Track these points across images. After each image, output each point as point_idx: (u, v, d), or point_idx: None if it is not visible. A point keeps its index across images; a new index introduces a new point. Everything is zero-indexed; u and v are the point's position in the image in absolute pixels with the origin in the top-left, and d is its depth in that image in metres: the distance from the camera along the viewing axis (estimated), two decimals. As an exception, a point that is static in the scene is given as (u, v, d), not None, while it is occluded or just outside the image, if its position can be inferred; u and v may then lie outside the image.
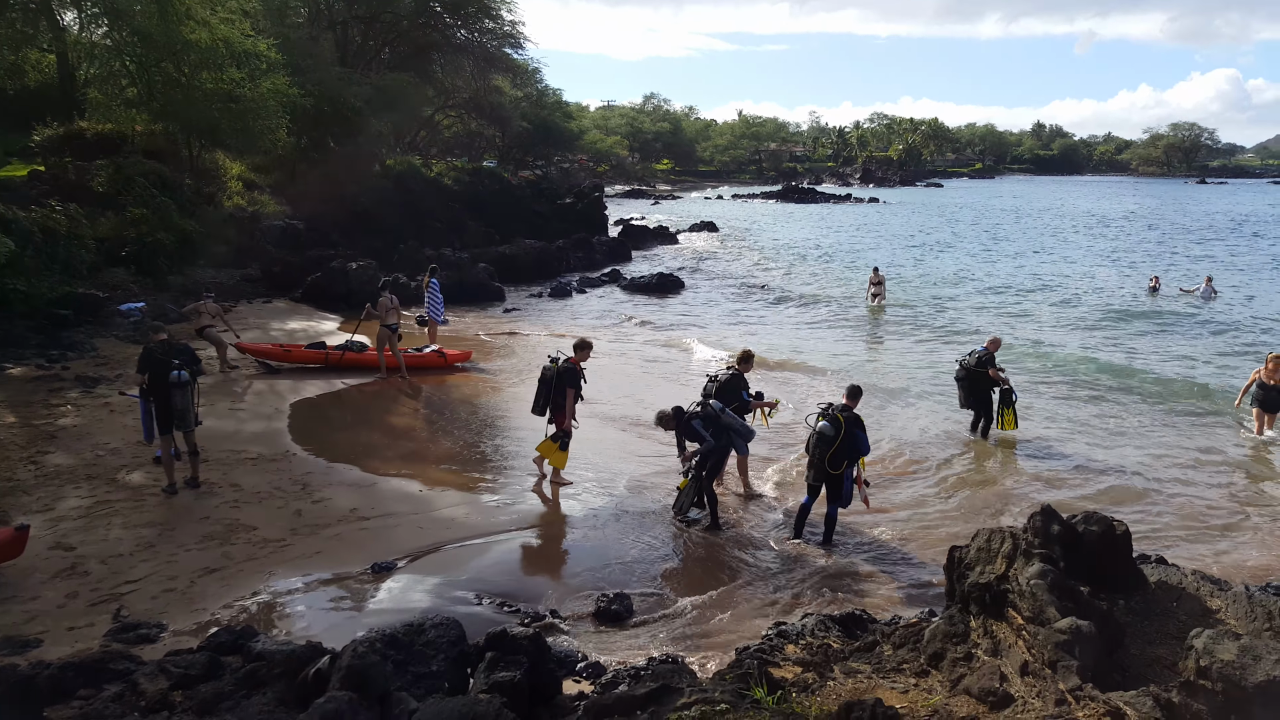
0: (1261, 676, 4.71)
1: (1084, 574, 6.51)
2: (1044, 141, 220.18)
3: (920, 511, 11.18)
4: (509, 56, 42.12)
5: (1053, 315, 25.55)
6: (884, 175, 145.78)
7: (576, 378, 11.54)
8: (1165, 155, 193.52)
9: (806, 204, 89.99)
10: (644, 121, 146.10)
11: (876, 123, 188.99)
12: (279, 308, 22.38)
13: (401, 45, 38.78)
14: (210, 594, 8.19)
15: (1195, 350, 20.65)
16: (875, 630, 7.34)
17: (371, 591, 8.42)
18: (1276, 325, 24.28)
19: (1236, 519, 10.98)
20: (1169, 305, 26.91)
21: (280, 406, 14.60)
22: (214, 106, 23.24)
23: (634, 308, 26.99)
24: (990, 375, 13.74)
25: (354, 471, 11.63)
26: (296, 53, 27.52)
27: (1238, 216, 70.40)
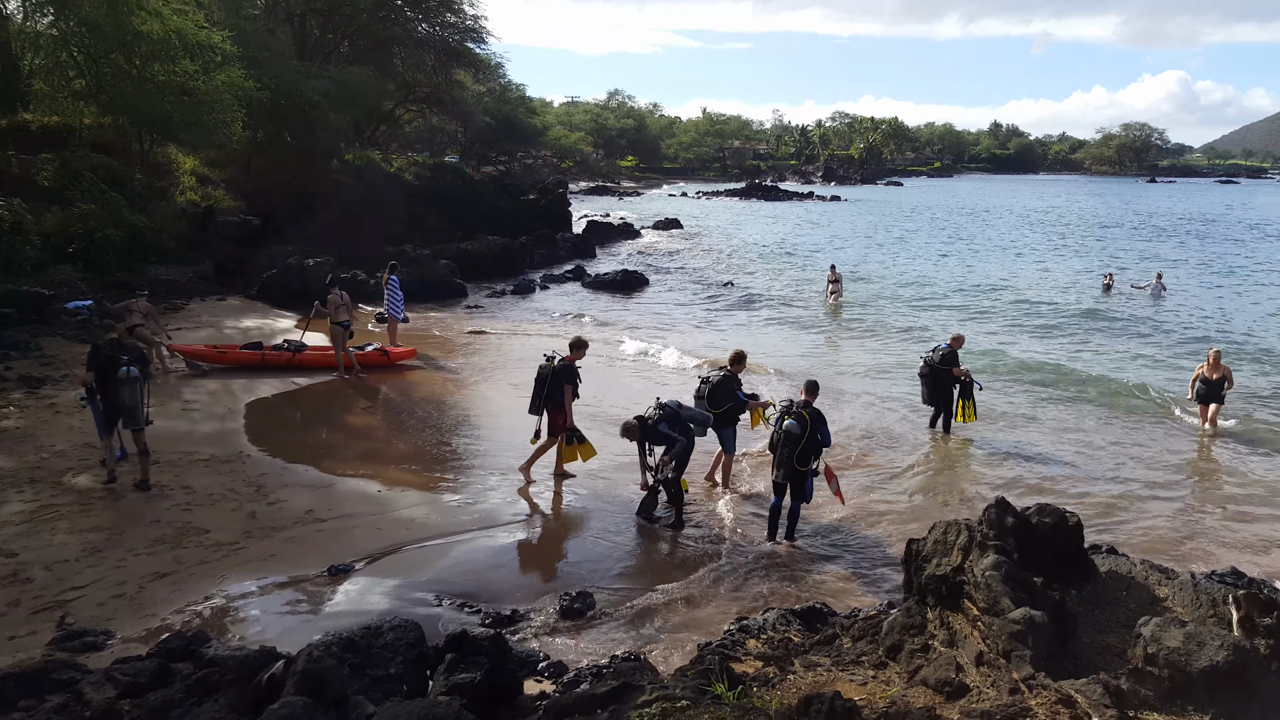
0: (1205, 662, 4.79)
1: (1037, 564, 6.58)
2: (1001, 141, 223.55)
3: (882, 506, 11.25)
4: (471, 51, 41.79)
5: (1009, 314, 25.82)
6: (845, 173, 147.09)
7: (573, 375, 11.55)
8: (1117, 155, 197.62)
9: (770, 201, 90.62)
10: (608, 118, 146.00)
11: (838, 121, 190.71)
12: (233, 305, 22.02)
13: (361, 38, 38.32)
14: (160, 599, 8.01)
15: (1144, 350, 20.96)
16: (835, 623, 7.36)
17: (328, 594, 8.29)
18: (1221, 323, 24.80)
19: (1180, 508, 11.18)
20: (1120, 304, 27.32)
21: (234, 407, 14.35)
22: (166, 99, 22.77)
23: (598, 305, 26.91)
24: (954, 373, 13.87)
25: (310, 472, 11.45)
26: (252, 45, 27.03)
27: (1185, 216, 71.91)
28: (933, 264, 38.72)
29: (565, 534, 10.05)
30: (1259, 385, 17.22)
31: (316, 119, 29.18)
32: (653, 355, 19.37)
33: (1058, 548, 6.86)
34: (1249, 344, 21.44)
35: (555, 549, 9.63)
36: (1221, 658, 4.76)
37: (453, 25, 38.63)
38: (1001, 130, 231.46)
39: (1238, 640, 4.95)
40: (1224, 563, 9.17)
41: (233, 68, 23.88)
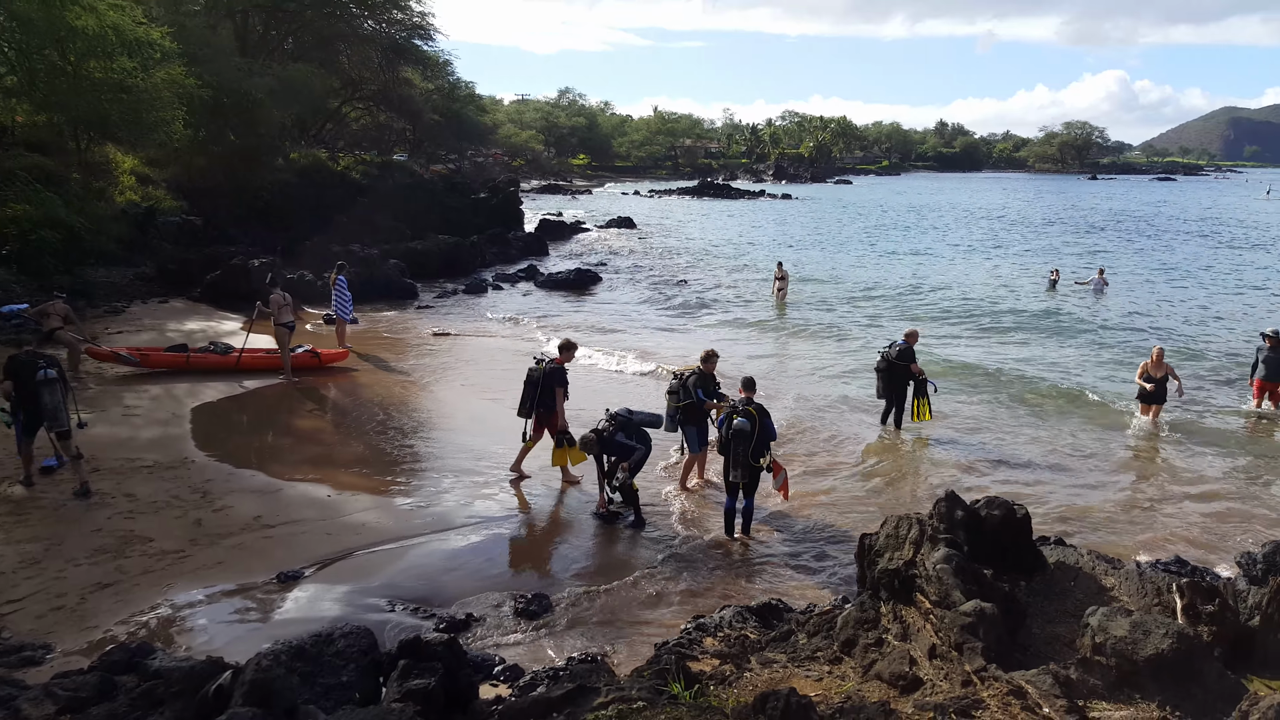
0: (1151, 650, 4.89)
1: (987, 557, 6.68)
2: (946, 139, 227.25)
3: (835, 501, 11.34)
4: (418, 48, 41.45)
5: (956, 313, 26.15)
6: (796, 172, 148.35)
7: (564, 377, 11.55)
8: (1060, 153, 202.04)
9: (722, 200, 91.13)
10: (559, 116, 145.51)
11: (788, 120, 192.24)
12: (176, 307, 21.55)
13: (305, 35, 37.75)
14: (103, 610, 7.80)
15: (1089, 348, 21.31)
16: (791, 619, 7.40)
17: (278, 602, 8.13)
18: (1161, 318, 25.41)
19: (1125, 501, 11.43)
20: (1066, 301, 27.82)
21: (178, 411, 14.03)
22: (103, 97, 22.18)
23: (550, 305, 26.79)
24: (911, 369, 14.02)
25: (258, 477, 11.24)
26: (193, 42, 26.48)
27: (1125, 212, 73.63)
28: (882, 262, 39.14)
29: (521, 535, 9.98)
30: (1201, 379, 17.66)
31: (260, 117, 28.68)
32: (601, 357, 19.28)
33: (1007, 540, 6.97)
34: (1189, 339, 21.98)
35: (511, 551, 9.56)
36: (1166, 646, 4.86)
37: (399, 22, 38.25)
38: (947, 129, 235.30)
39: (1181, 628, 5.05)
40: (1169, 552, 9.37)
41: (173, 65, 23.36)
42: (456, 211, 40.45)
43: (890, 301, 27.81)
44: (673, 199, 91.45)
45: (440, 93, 52.88)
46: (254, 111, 28.25)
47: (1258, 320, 23.59)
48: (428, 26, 39.02)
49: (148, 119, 22.65)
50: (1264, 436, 14.44)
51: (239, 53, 31.92)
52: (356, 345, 19.33)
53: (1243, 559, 8.84)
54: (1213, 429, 14.58)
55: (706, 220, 63.76)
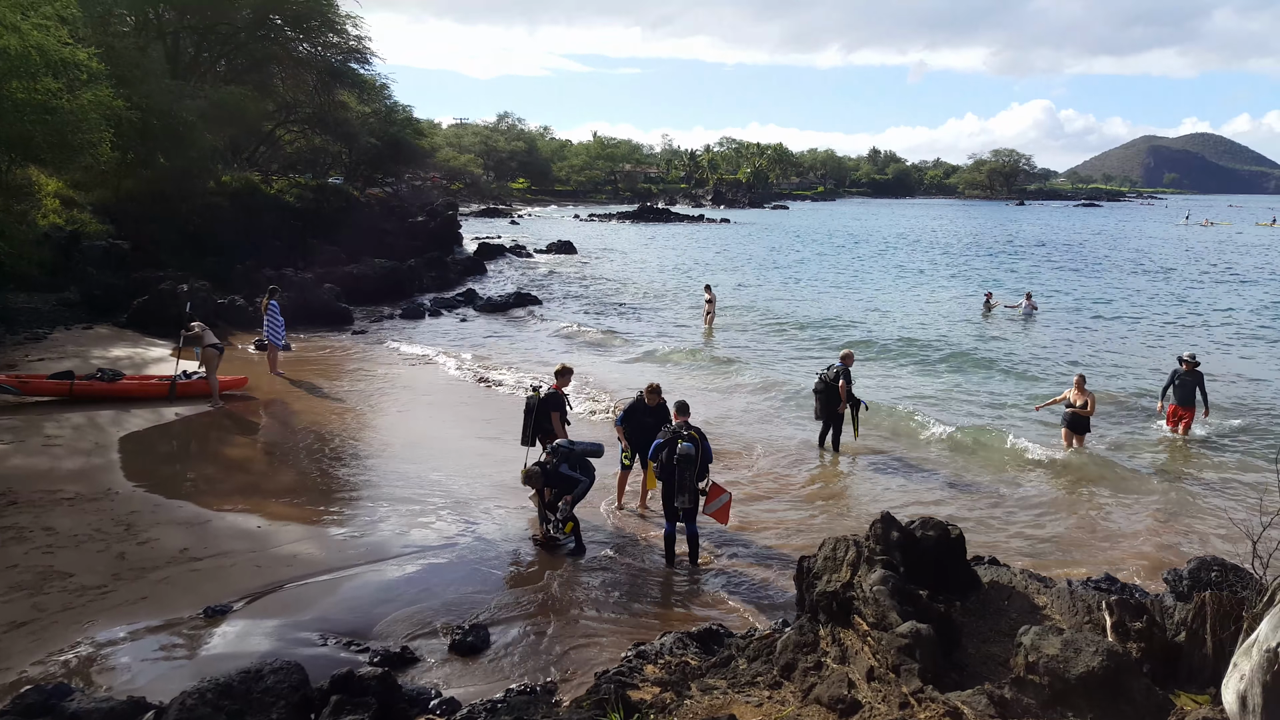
0: (1082, 668, 4.97)
1: (923, 577, 6.74)
2: (879, 166, 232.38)
3: (775, 524, 11.38)
4: (355, 71, 40.99)
5: (889, 337, 26.56)
6: (734, 197, 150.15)
7: (561, 402, 11.68)
8: (989, 179, 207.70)
9: (662, 224, 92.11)
10: (498, 140, 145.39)
11: (726, 147, 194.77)
12: (101, 334, 20.92)
13: (239, 57, 37.15)
14: (18, 650, 7.47)
15: (1025, 372, 21.85)
16: (731, 644, 7.38)
17: (204, 637, 7.87)
18: (1090, 344, 26.12)
19: (1051, 521, 11.68)
20: (998, 325, 28.42)
21: (101, 441, 13.57)
22: (26, 119, 21.53)
23: (489, 329, 26.60)
24: (839, 389, 14.16)
25: (185, 508, 10.91)
26: (122, 63, 25.83)
27: (1050, 237, 75.85)
28: (816, 286, 39.69)
29: (459, 565, 9.80)
30: (1122, 404, 18.15)
31: (191, 139, 28.10)
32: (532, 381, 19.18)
33: (942, 560, 7.05)
34: (1115, 365, 22.61)
35: (448, 581, 9.37)
36: (1097, 663, 4.94)
37: (335, 45, 37.83)
38: (880, 156, 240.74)
39: (1111, 645, 5.15)
40: (1099, 569, 9.58)
41: (101, 86, 22.79)
42: (393, 235, 40.07)
43: (826, 328, 28.16)
44: (613, 223, 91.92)
45: (377, 116, 52.35)
46: (185, 134, 27.68)
47: (1178, 345, 24.32)
48: (364, 50, 38.70)
49: (73, 141, 22.03)
50: (1180, 461, 14.51)
51: (170, 75, 31.28)
52: (289, 371, 18.97)
53: (1169, 576, 9.07)
54: (1135, 455, 14.75)
55: (646, 244, 64.12)
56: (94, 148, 22.77)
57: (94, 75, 21.84)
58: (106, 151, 23.93)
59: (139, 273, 24.55)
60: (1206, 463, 14.20)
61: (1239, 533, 6.94)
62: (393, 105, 56.43)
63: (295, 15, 35.24)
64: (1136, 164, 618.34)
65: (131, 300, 22.42)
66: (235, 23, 34.02)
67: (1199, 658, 5.53)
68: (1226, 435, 15.61)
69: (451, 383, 19.14)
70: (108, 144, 23.49)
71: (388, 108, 55.01)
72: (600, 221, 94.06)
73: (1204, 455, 14.59)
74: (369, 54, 39.13)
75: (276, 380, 18.26)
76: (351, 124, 47.50)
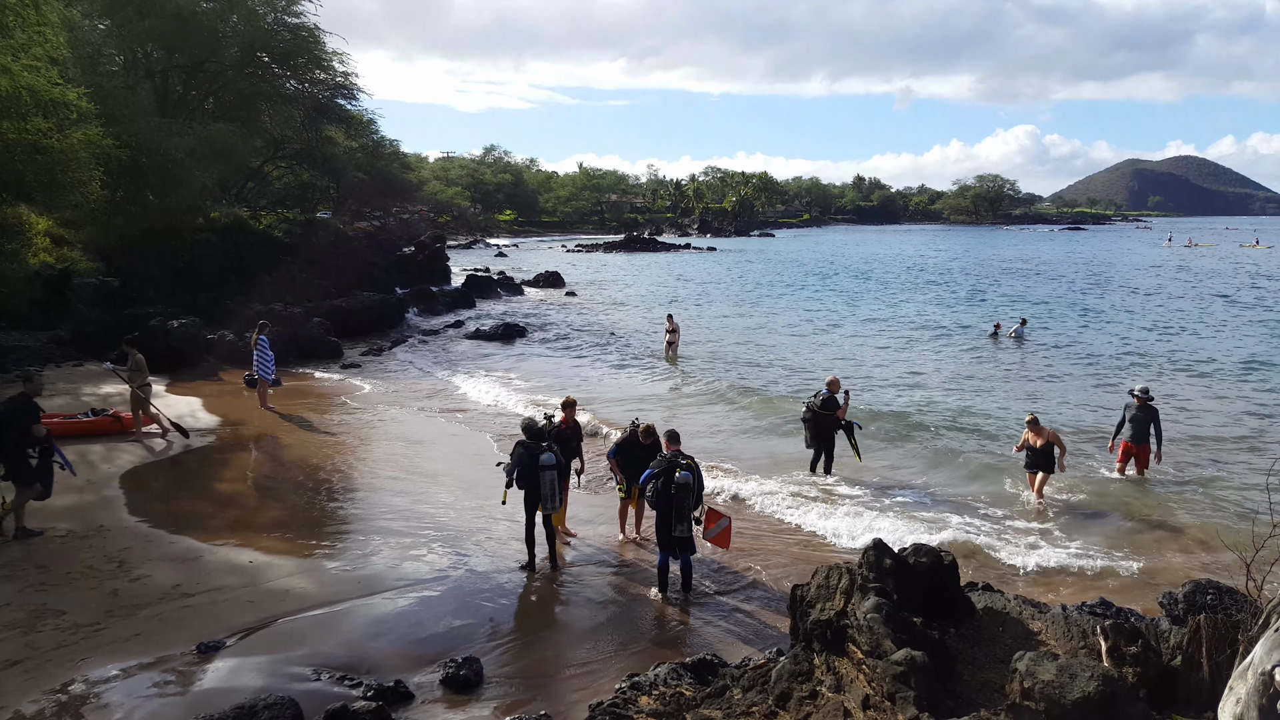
0: (1078, 694, 4.99)
1: (917, 604, 6.76)
2: (864, 193, 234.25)
3: (771, 551, 11.38)
4: (342, 107, 41.25)
5: (891, 363, 26.71)
6: (720, 226, 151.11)
7: (564, 435, 11.76)
8: (973, 204, 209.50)
9: (649, 253, 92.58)
10: (485, 173, 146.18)
11: (711, 176, 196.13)
12: (91, 370, 20.87)
13: (227, 95, 37.32)
14: (12, 689, 7.42)
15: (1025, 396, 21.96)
16: (726, 674, 7.37)
17: (198, 674, 7.83)
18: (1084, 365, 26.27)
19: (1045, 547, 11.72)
20: (1001, 352, 28.42)
21: (92, 477, 13.52)
22: (17, 158, 21.59)
23: (478, 360, 26.61)
24: (837, 416, 14.26)
25: (178, 544, 10.87)
26: (111, 102, 25.95)
27: (1038, 260, 76.46)
28: (809, 313, 39.90)
29: (451, 597, 9.78)
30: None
31: (180, 177, 28.18)
32: (525, 410, 19.18)
33: (935, 587, 7.08)
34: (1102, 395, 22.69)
35: (440, 614, 9.35)
36: (1093, 689, 4.96)
37: (322, 82, 38.06)
38: (865, 183, 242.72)
39: (1107, 671, 5.17)
40: (1093, 594, 9.60)
41: (90, 125, 22.88)
42: (382, 268, 40.23)
43: (808, 354, 28.29)
44: (600, 253, 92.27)
45: (364, 150, 52.66)
46: (174, 171, 27.76)
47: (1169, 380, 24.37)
48: (351, 86, 38.92)
49: (63, 179, 22.08)
50: (1137, 501, 13.43)
51: (159, 113, 31.38)
52: (279, 405, 18.95)
53: (1164, 599, 9.11)
54: (1099, 496, 13.69)
55: (633, 273, 64.40)
56: (84, 186, 22.82)
57: (84, 114, 21.92)
58: (96, 190, 23.98)
59: (129, 309, 24.55)
60: (1174, 496, 14.00)
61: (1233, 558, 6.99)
62: (380, 140, 56.80)
63: (283, 53, 35.49)
64: (1121, 187, 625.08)
65: (122, 337, 22.36)
66: (223, 61, 34.21)
67: (1195, 681, 5.56)
68: (1189, 466, 15.29)
69: (440, 414, 19.13)
70: (97, 182, 23.55)
71: (375, 142, 55.35)
72: (587, 252, 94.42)
73: (1171, 488, 14.42)
74: (356, 89, 39.38)
75: (267, 415, 18.23)
76: (339, 159, 47.76)
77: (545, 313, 39.27)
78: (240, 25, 33.53)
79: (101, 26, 30.37)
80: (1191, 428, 17.87)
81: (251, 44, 33.77)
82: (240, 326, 24.90)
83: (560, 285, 51.08)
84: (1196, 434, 17.43)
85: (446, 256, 51.16)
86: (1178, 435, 16.84)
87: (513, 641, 8.80)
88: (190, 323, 23.26)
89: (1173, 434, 16.75)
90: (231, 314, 27.18)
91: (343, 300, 32.34)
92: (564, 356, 27.71)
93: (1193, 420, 18.53)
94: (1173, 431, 16.67)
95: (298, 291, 32.21)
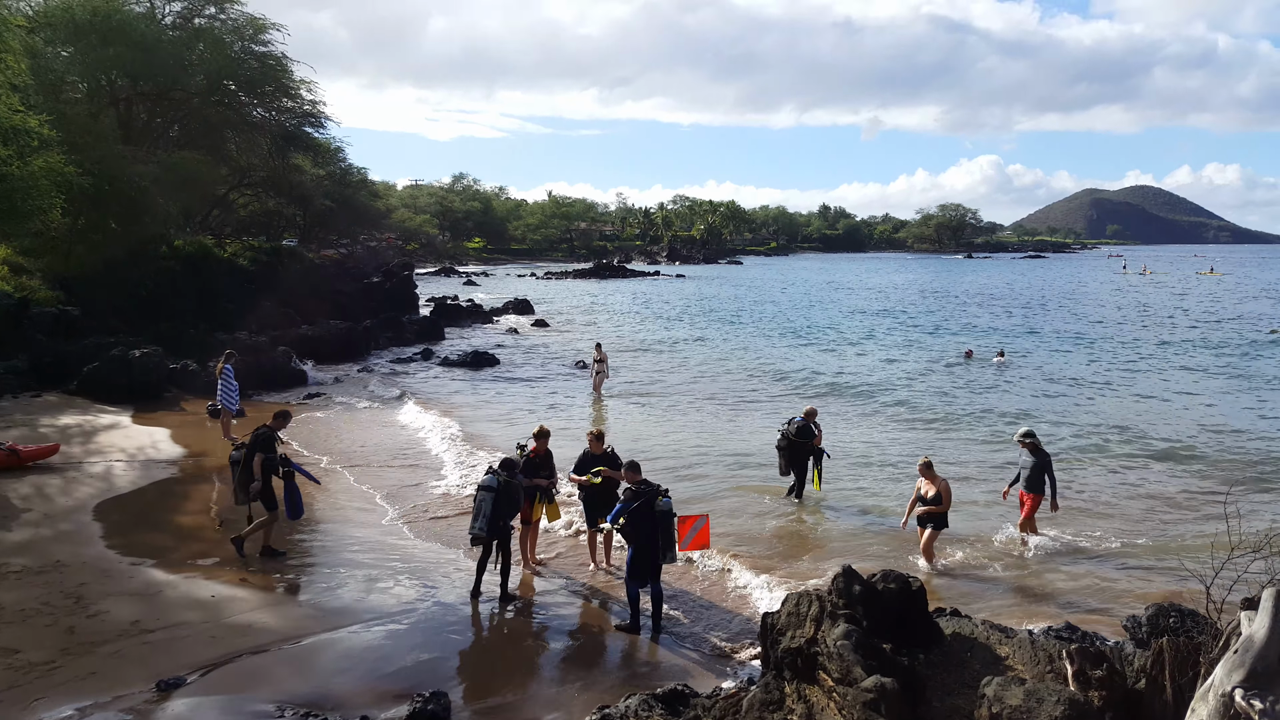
0: (1045, 718, 5.02)
1: (886, 630, 6.78)
2: (830, 222, 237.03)
3: (743, 581, 11.33)
4: (309, 135, 41.14)
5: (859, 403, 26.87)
6: (689, 253, 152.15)
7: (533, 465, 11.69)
8: (936, 233, 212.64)
9: (618, 280, 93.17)
10: (454, 200, 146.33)
11: (679, 204, 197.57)
12: (50, 402, 20.48)
13: (192, 122, 37.10)
14: (-40, 732, 7.20)
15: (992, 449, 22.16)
16: (697, 704, 7.33)
17: (157, 712, 7.64)
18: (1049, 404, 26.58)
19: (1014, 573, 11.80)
20: (977, 380, 28.65)
21: (48, 511, 13.23)
22: (-25, 185, 21.29)
23: (444, 389, 26.45)
24: (813, 444, 14.49)
25: (137, 578, 10.64)
26: (74, 129, 25.70)
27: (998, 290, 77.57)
28: (782, 343, 40.13)
29: (417, 630, 9.64)
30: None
31: (144, 205, 27.90)
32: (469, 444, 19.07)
33: (904, 613, 7.10)
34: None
35: (406, 647, 9.21)
36: (1059, 713, 4.99)
37: (289, 110, 37.96)
38: (830, 212, 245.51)
39: (1073, 695, 5.21)
40: (1059, 619, 9.66)
41: (51, 152, 22.65)
42: (349, 296, 40.01)
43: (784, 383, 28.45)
44: (569, 280, 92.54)
45: (331, 178, 52.52)
46: (137, 199, 27.49)
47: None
48: (318, 114, 38.88)
49: (24, 207, 21.80)
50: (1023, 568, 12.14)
51: (123, 140, 31.13)
52: (243, 436, 18.67)
53: (1129, 622, 9.19)
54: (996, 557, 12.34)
55: (603, 300, 64.47)
56: (45, 214, 22.57)
57: (45, 141, 21.70)
58: (57, 217, 23.75)
59: (90, 339, 24.18)
60: (1140, 516, 14.39)
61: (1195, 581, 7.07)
62: (347, 167, 56.73)
63: (249, 81, 35.37)
64: (1080, 216, 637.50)
65: (81, 367, 22.03)
66: (189, 89, 34.03)
67: (1159, 704, 5.61)
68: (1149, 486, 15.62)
69: (408, 444, 18.97)
70: (58, 210, 23.31)
71: (342, 170, 55.26)
72: (557, 279, 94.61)
73: (1134, 508, 14.78)
74: (323, 117, 39.36)
75: (230, 446, 17.94)
76: (306, 186, 47.60)
77: (513, 342, 39.16)
78: (206, 54, 33.45)
79: (64, 54, 30.16)
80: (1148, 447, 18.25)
81: (218, 72, 33.64)
82: (202, 355, 24.62)
83: (530, 313, 51.02)
84: (1152, 453, 17.82)
85: (415, 284, 50.92)
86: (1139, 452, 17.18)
87: (481, 674, 8.68)
88: (152, 353, 22.93)
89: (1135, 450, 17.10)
90: (195, 343, 26.86)
91: (309, 328, 32.09)
92: (536, 384, 27.61)
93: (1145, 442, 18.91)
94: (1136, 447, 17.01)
95: (263, 320, 31.93)
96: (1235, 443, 19.11)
